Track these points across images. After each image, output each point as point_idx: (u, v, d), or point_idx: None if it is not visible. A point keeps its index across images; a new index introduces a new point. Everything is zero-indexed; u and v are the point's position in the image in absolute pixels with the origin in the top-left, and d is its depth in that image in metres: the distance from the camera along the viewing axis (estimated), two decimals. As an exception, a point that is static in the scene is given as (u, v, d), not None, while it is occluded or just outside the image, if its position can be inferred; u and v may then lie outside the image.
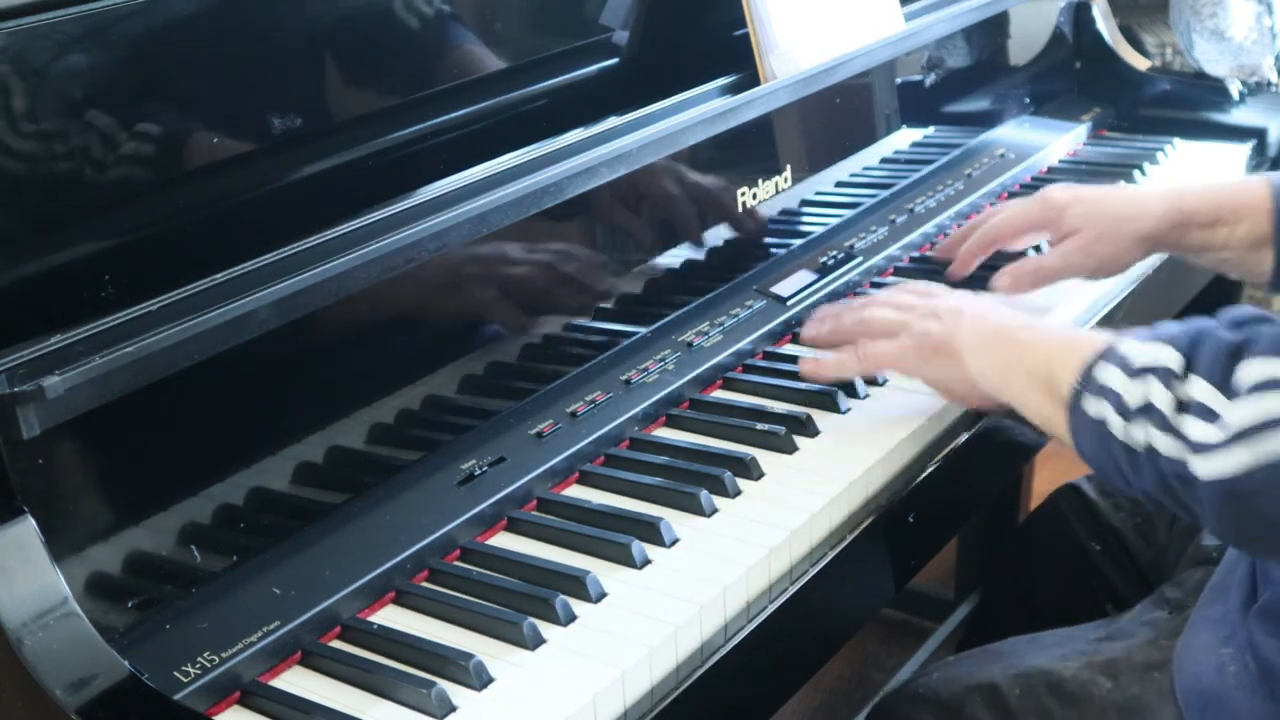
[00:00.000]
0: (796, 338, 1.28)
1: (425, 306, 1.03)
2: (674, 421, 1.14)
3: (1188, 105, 1.82)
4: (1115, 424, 0.89)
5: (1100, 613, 1.22)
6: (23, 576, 0.76)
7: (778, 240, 1.36)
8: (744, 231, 1.31)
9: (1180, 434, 0.85)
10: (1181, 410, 0.85)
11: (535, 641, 0.86)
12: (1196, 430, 0.84)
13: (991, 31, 1.72)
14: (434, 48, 1.14)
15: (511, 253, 1.09)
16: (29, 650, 0.75)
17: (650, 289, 1.22)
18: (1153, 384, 0.87)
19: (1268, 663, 0.94)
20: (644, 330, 1.20)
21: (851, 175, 1.48)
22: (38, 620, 0.76)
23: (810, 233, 1.40)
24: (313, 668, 0.86)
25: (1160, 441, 0.86)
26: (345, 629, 0.89)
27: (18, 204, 0.86)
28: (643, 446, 1.09)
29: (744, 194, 1.30)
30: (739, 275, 1.30)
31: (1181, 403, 0.85)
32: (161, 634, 0.83)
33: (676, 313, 1.23)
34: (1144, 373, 0.88)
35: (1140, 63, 1.87)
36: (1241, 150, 1.73)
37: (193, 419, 0.88)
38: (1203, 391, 0.84)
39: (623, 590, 0.91)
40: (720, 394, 1.19)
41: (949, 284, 1.30)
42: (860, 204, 1.48)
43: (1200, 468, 0.83)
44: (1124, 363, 0.90)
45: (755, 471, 1.04)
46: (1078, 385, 0.93)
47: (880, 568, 1.08)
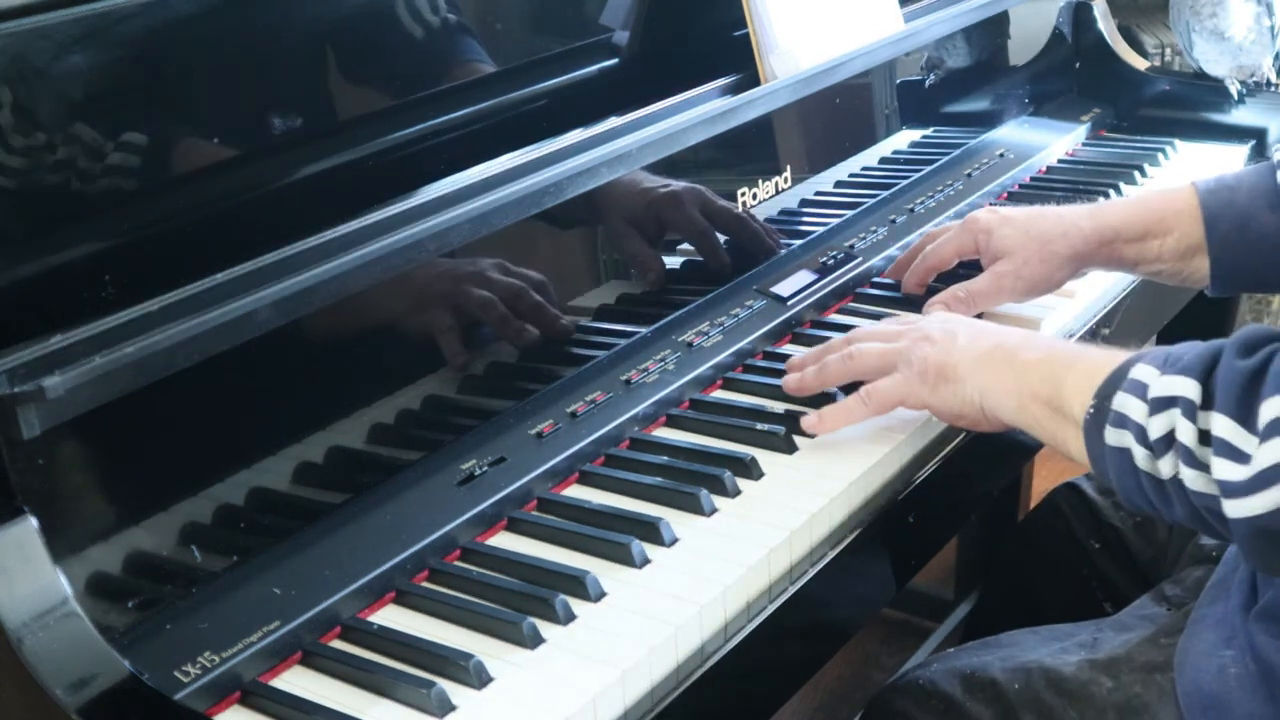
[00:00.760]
0: (796, 338, 1.28)
1: (425, 306, 1.03)
2: (674, 421, 1.14)
3: (1187, 105, 1.82)
4: (1140, 455, 0.88)
5: (1100, 612, 1.22)
6: (23, 576, 0.76)
7: (778, 240, 1.36)
8: (744, 231, 1.31)
9: (1208, 471, 0.84)
10: (1204, 443, 0.85)
11: (535, 641, 0.86)
12: (1224, 470, 0.83)
13: (991, 31, 1.72)
14: (434, 47, 1.14)
15: (511, 253, 1.09)
16: (29, 650, 0.75)
17: (650, 289, 1.22)
18: (1175, 417, 0.86)
19: (1269, 665, 0.94)
20: (644, 330, 1.20)
21: (851, 175, 1.48)
22: (38, 620, 0.76)
23: (810, 233, 1.40)
24: (313, 668, 0.86)
25: (1189, 477, 0.85)
26: (345, 629, 0.89)
27: (18, 204, 0.86)
28: (643, 446, 1.09)
29: (744, 194, 1.30)
30: (739, 275, 1.30)
31: (1204, 434, 0.85)
32: (161, 634, 0.83)
33: (676, 313, 1.23)
34: (1164, 405, 0.87)
35: (1140, 63, 1.87)
36: (1241, 151, 1.73)
37: (193, 419, 0.88)
38: (1225, 428, 0.83)
39: (623, 590, 0.91)
40: (720, 394, 1.19)
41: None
42: (860, 204, 1.48)
43: (1230, 508, 0.83)
44: (1142, 393, 0.89)
45: (755, 471, 1.04)
46: (1092, 410, 0.91)
47: (880, 567, 1.08)
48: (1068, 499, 1.39)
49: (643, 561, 0.94)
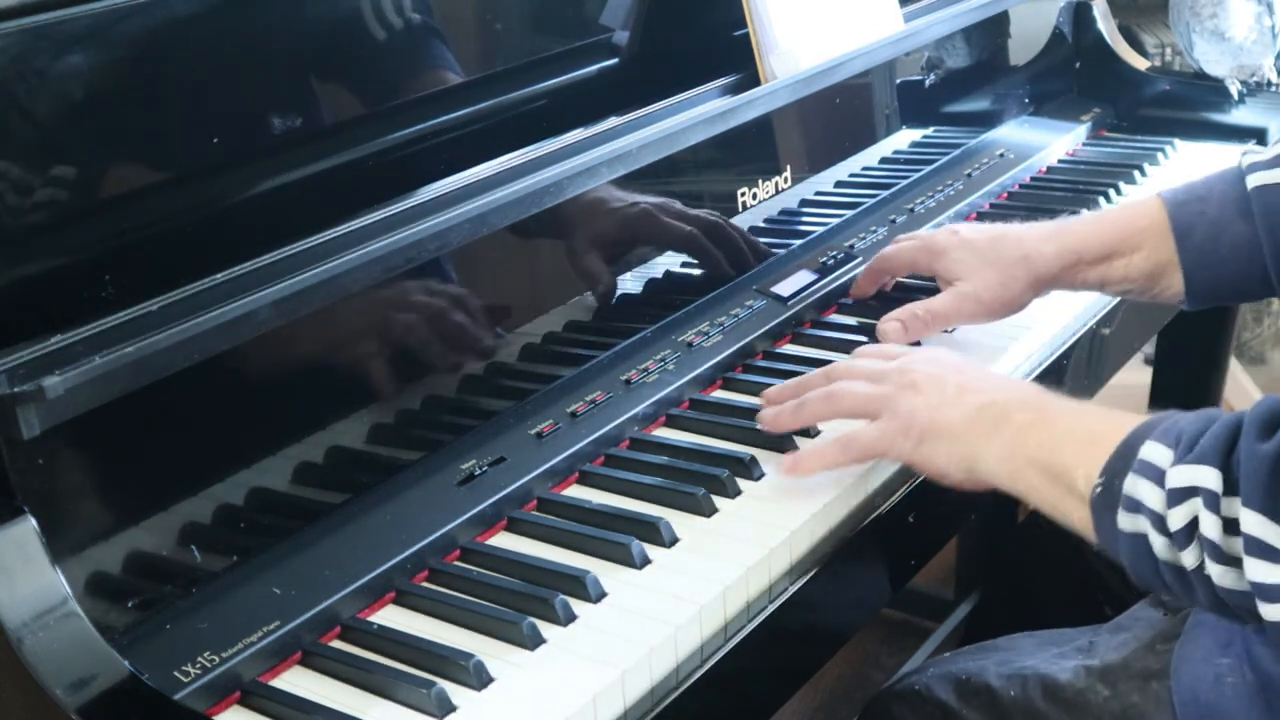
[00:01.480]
0: (797, 338, 1.28)
1: (425, 306, 1.03)
2: (674, 421, 1.14)
3: (1188, 105, 1.82)
4: (1158, 543, 0.82)
5: (1098, 614, 1.22)
6: (23, 576, 0.76)
7: (778, 240, 1.36)
8: (744, 231, 1.31)
9: (1238, 567, 0.79)
10: (1230, 531, 0.79)
11: (535, 641, 0.86)
12: (1260, 572, 0.78)
13: (991, 31, 1.72)
14: (435, 47, 1.14)
15: (511, 252, 1.09)
16: (29, 650, 0.75)
17: (650, 289, 1.22)
18: (1198, 508, 0.80)
19: (1266, 674, 0.94)
20: (644, 330, 1.20)
21: (851, 175, 1.48)
22: (38, 620, 0.76)
23: (810, 233, 1.40)
24: (313, 668, 0.86)
25: (1216, 572, 0.80)
26: (345, 629, 0.89)
27: (18, 203, 0.86)
28: (643, 446, 1.09)
29: (744, 194, 1.30)
30: (739, 275, 1.30)
31: (1229, 523, 0.79)
32: (161, 634, 0.83)
33: (676, 313, 1.23)
34: (1184, 495, 0.81)
35: (1140, 63, 1.87)
36: (1234, 151, 1.73)
37: (193, 419, 0.88)
38: (1256, 525, 0.78)
39: (623, 590, 0.91)
40: (720, 394, 1.19)
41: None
42: (860, 204, 1.48)
43: (1269, 611, 0.78)
44: (1158, 479, 0.82)
45: (755, 471, 1.04)
46: (1100, 489, 0.86)
47: (880, 568, 1.08)
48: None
49: (643, 561, 0.94)
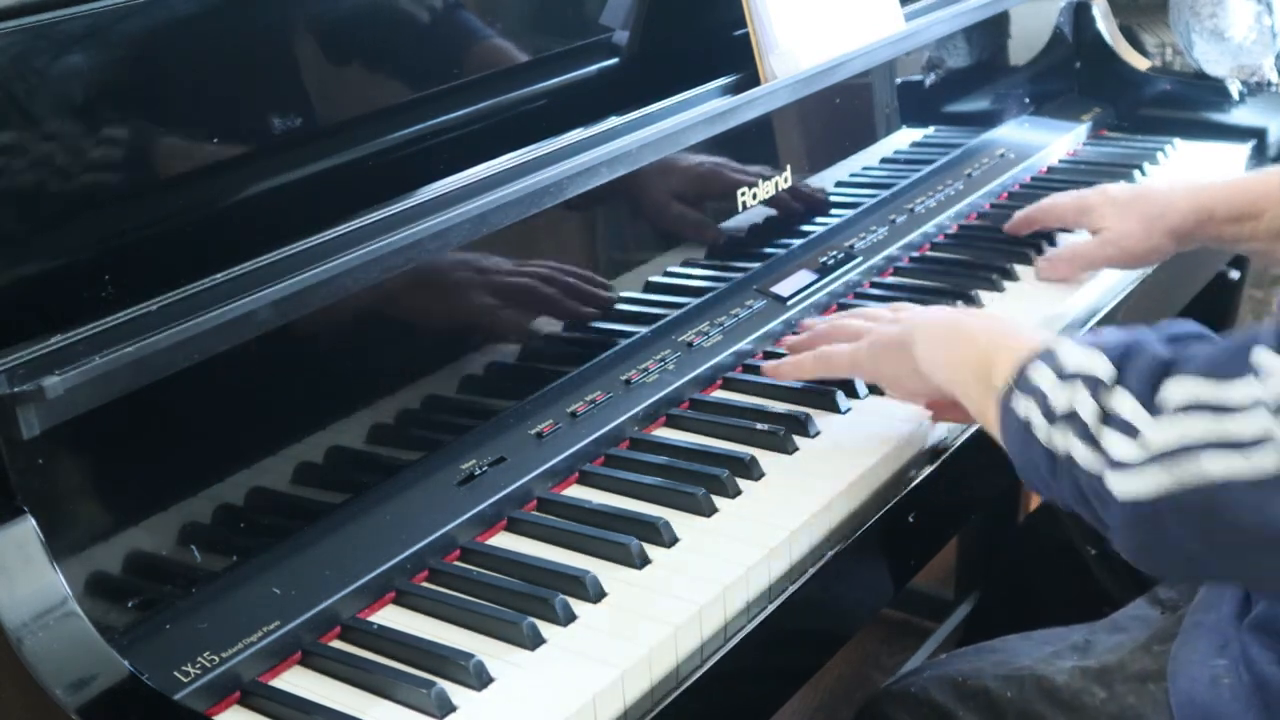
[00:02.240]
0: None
1: (425, 306, 1.03)
2: (674, 421, 1.14)
3: (1188, 105, 1.82)
4: (1039, 425, 0.87)
5: (1097, 615, 1.22)
6: (23, 576, 0.76)
7: (778, 240, 1.36)
8: (744, 231, 1.31)
9: (1100, 446, 0.82)
10: (1105, 422, 0.82)
11: (535, 641, 0.86)
12: (1116, 445, 0.81)
13: (991, 31, 1.72)
14: (434, 47, 1.14)
15: (512, 252, 1.09)
16: (29, 650, 0.75)
17: (650, 289, 1.22)
18: (1080, 390, 0.84)
19: (1262, 676, 0.93)
20: (644, 330, 1.20)
21: (851, 175, 1.48)
22: (38, 620, 0.76)
23: (810, 233, 1.40)
24: (313, 668, 0.86)
25: (1079, 452, 0.83)
26: (345, 629, 0.89)
27: (18, 203, 0.86)
28: (643, 446, 1.09)
29: (744, 194, 1.30)
30: (739, 275, 1.30)
31: (1106, 414, 0.83)
32: (161, 634, 0.84)
33: (676, 313, 1.23)
34: (1073, 378, 0.85)
35: (1140, 63, 1.87)
36: (1241, 150, 1.73)
37: (192, 419, 0.88)
38: (1126, 406, 0.81)
39: (623, 590, 0.91)
40: (720, 394, 1.19)
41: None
42: (860, 204, 1.48)
43: (1115, 485, 0.80)
44: (1057, 365, 0.88)
45: (755, 471, 1.04)
46: (1010, 382, 0.91)
47: (880, 568, 1.08)
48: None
49: (643, 561, 0.94)
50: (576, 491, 1.05)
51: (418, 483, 0.99)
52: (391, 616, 0.91)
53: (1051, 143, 1.73)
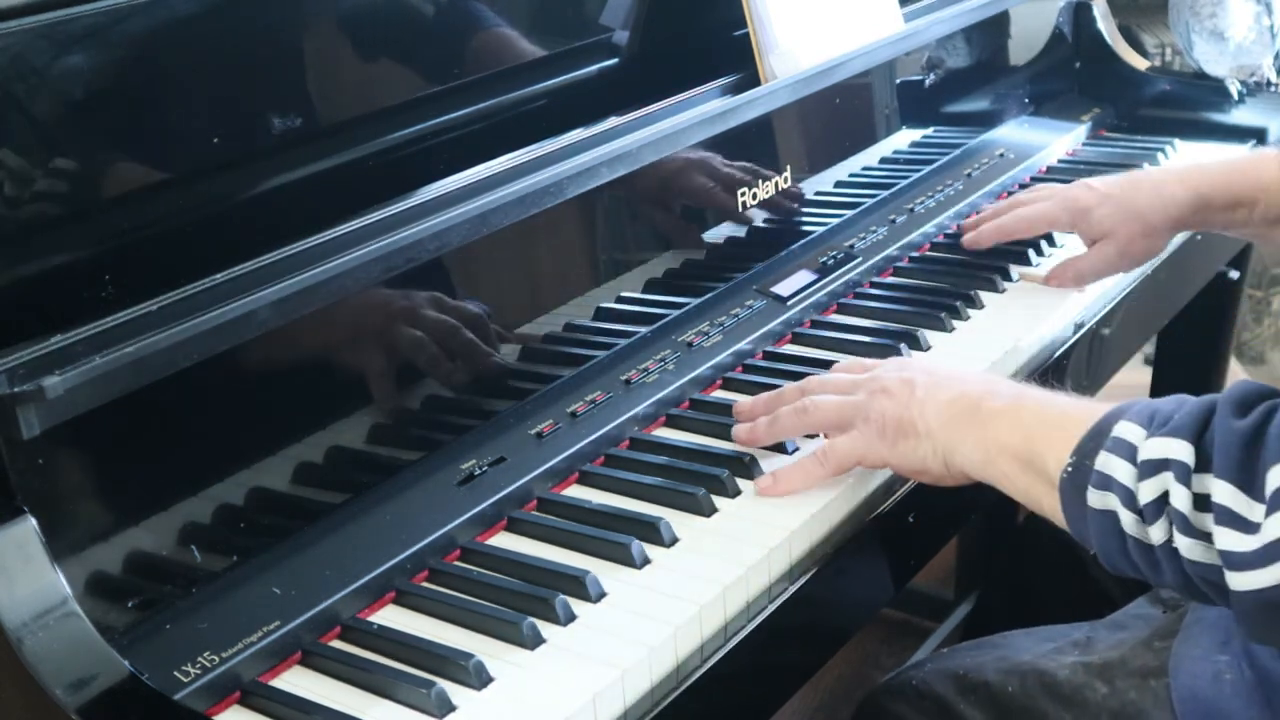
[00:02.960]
0: (797, 338, 1.28)
1: (425, 305, 1.03)
2: (674, 421, 1.14)
3: (1187, 105, 1.82)
4: (1127, 519, 0.82)
5: (1097, 615, 1.22)
6: (23, 576, 0.76)
7: (778, 240, 1.36)
8: (744, 231, 1.31)
9: (1208, 541, 0.79)
10: (1200, 508, 0.79)
11: (535, 641, 0.86)
12: (1229, 540, 0.77)
13: (991, 31, 1.72)
14: (434, 47, 1.14)
15: (512, 252, 1.09)
16: (29, 650, 0.75)
17: (650, 289, 1.22)
18: (1168, 481, 0.80)
19: (1264, 671, 0.94)
20: (644, 330, 1.20)
21: (851, 175, 1.48)
22: (38, 620, 0.76)
23: (810, 233, 1.40)
24: (313, 668, 0.86)
25: (1184, 545, 0.80)
26: (345, 629, 0.89)
27: (18, 203, 0.86)
28: (643, 446, 1.09)
29: (744, 194, 1.30)
30: (739, 275, 1.30)
31: (1199, 499, 0.79)
32: (161, 634, 0.83)
33: (676, 313, 1.23)
34: (1155, 468, 0.81)
35: (1140, 63, 1.87)
36: (1241, 150, 1.73)
37: (192, 419, 0.88)
38: (1226, 495, 0.77)
39: (623, 590, 0.91)
40: (720, 394, 1.19)
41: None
42: (860, 204, 1.48)
43: (1236, 580, 0.77)
44: (1130, 454, 0.83)
45: (755, 472, 1.04)
46: (1071, 470, 0.86)
47: (879, 567, 1.08)
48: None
49: (643, 561, 0.94)
50: (576, 491, 1.05)
51: (418, 483, 0.99)
52: (391, 616, 0.91)
53: (1051, 143, 1.73)
